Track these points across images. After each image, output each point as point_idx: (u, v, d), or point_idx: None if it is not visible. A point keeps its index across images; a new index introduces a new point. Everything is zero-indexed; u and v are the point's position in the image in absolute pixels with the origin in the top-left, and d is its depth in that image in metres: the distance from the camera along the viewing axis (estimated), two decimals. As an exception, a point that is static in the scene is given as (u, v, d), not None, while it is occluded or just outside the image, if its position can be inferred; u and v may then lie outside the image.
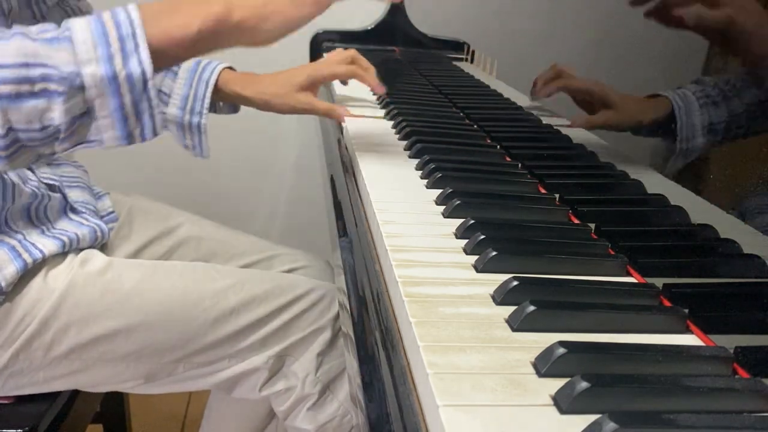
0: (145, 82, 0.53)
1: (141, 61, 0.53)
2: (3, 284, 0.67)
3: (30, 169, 0.77)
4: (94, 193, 0.89)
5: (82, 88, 0.52)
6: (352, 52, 0.90)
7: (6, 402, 0.75)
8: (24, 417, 0.74)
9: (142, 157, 1.50)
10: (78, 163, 0.92)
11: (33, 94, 0.51)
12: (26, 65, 0.50)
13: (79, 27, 0.52)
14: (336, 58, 0.89)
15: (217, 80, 0.84)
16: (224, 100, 0.88)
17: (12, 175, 0.71)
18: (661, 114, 0.71)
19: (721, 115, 0.63)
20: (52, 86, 0.51)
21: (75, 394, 0.82)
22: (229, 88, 0.85)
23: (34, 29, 0.53)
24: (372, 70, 0.90)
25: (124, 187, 0.99)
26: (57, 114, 0.52)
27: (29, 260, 0.69)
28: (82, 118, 0.54)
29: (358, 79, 0.90)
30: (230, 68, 0.87)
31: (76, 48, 0.51)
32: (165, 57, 0.56)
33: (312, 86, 0.85)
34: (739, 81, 0.63)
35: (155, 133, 0.56)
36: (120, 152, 0.62)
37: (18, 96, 0.50)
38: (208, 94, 0.83)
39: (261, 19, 0.59)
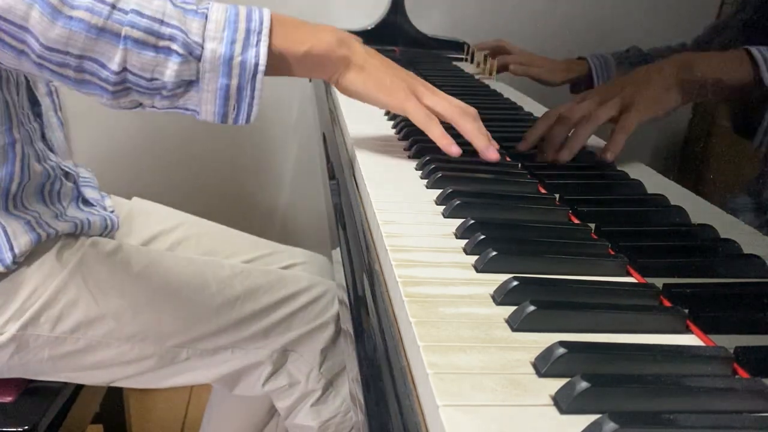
0: (255, 73, 0.58)
1: (258, 53, 0.58)
2: (17, 251, 0.69)
3: (51, 150, 0.79)
4: (101, 195, 0.90)
5: (199, 58, 0.57)
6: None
7: (6, 402, 0.76)
8: (24, 416, 0.74)
9: (142, 157, 1.50)
10: (89, 168, 0.93)
11: (156, 48, 0.56)
12: (161, 21, 0.56)
13: (216, 8, 0.59)
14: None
15: None
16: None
17: (30, 151, 0.73)
18: (582, 72, 0.94)
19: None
20: (175, 46, 0.56)
21: (75, 393, 0.82)
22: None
23: None
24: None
25: (125, 187, 0.99)
26: (168, 72, 0.56)
27: (43, 234, 0.72)
28: (188, 86, 0.58)
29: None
30: None
31: (208, 24, 0.57)
32: (275, 62, 0.61)
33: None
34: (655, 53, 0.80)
35: (248, 120, 0.61)
36: (120, 152, 0.63)
37: (143, 44, 0.55)
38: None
39: (358, 70, 0.66)
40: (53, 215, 0.75)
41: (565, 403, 0.33)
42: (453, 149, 0.66)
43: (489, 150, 0.68)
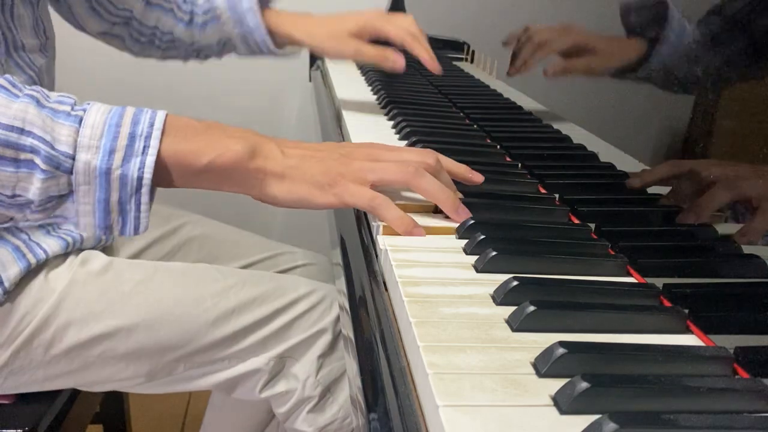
0: (138, 187, 0.50)
1: (143, 165, 0.50)
2: (6, 284, 0.67)
3: None
4: None
5: (69, 171, 0.49)
6: (416, 29, 0.85)
7: (6, 402, 0.75)
8: (24, 417, 0.74)
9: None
10: None
11: (15, 162, 0.48)
12: (21, 130, 0.48)
13: (96, 110, 0.50)
14: (399, 21, 0.85)
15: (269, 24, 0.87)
16: (276, 43, 0.91)
17: None
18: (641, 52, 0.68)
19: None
20: (37, 160, 0.48)
21: (75, 394, 0.82)
22: (281, 30, 0.87)
23: (53, 95, 0.51)
24: (426, 46, 0.85)
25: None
26: (33, 188, 0.49)
27: (33, 261, 0.69)
28: (61, 198, 0.51)
29: (410, 49, 0.86)
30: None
31: (82, 130, 0.49)
32: (166, 176, 0.53)
33: (361, 34, 0.85)
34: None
35: (137, 232, 0.53)
36: None
37: (0, 158, 0.48)
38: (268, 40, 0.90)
39: (278, 180, 0.55)
40: (45, 232, 0.72)
41: (565, 404, 0.33)
42: (416, 232, 0.54)
43: (459, 211, 0.56)
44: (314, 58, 1.36)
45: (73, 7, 0.89)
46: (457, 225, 0.54)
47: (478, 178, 0.61)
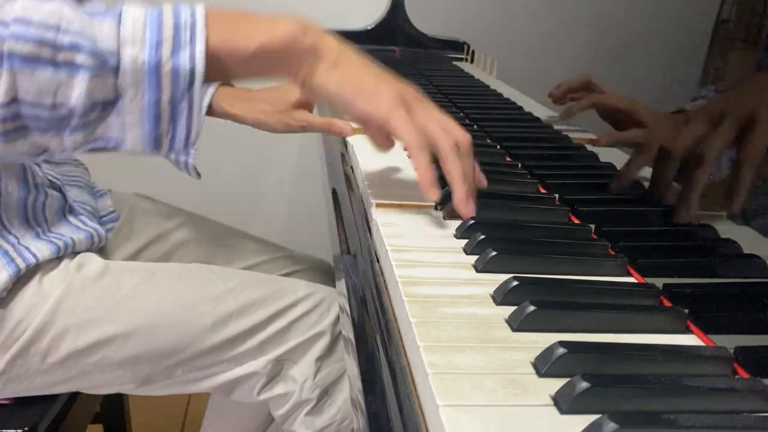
0: (191, 81, 0.46)
1: (193, 55, 0.46)
2: None
3: (37, 164, 0.75)
4: (94, 192, 0.89)
5: (115, 70, 0.45)
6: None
7: (6, 403, 0.75)
8: (24, 417, 0.74)
9: (143, 157, 1.49)
10: (77, 161, 0.91)
11: (54, 63, 0.43)
12: (57, 28, 0.43)
13: (133, 7, 0.46)
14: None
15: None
16: (212, 116, 0.80)
17: (10, 172, 0.70)
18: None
19: None
20: (80, 58, 0.43)
21: (75, 394, 0.82)
22: (217, 104, 0.77)
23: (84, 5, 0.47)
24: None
25: (125, 187, 0.99)
26: (76, 93, 0.44)
27: (22, 266, 0.67)
28: (104, 109, 0.46)
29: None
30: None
31: (123, 24, 0.45)
32: (222, 67, 0.49)
33: (309, 102, 0.80)
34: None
35: (187, 144, 0.49)
36: (121, 153, 0.62)
37: (35, 60, 0.43)
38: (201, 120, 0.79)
39: (331, 66, 0.51)
40: (35, 234, 0.70)
41: (565, 403, 0.33)
42: (431, 193, 0.52)
43: (467, 205, 0.54)
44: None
45: None
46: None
47: (483, 183, 0.61)
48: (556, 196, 0.64)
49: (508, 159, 0.75)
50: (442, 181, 0.55)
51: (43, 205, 0.74)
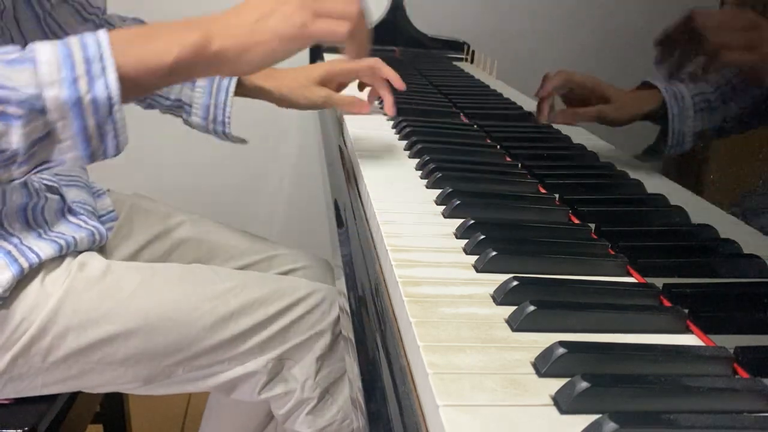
0: (111, 106, 0.51)
1: (108, 84, 0.51)
2: (0, 290, 0.67)
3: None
4: (93, 192, 0.89)
5: (43, 111, 0.50)
6: (374, 60, 0.86)
7: (6, 402, 0.75)
8: (24, 417, 0.74)
9: (142, 156, 1.50)
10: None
11: None
12: None
13: (43, 49, 0.51)
14: (361, 63, 0.86)
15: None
16: (245, 95, 0.88)
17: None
18: (653, 110, 0.69)
19: (714, 121, 0.62)
20: (11, 109, 0.49)
21: (75, 394, 0.82)
22: (250, 81, 0.85)
23: None
24: (388, 84, 0.87)
25: (125, 187, 0.99)
26: (15, 138, 0.50)
27: (25, 265, 0.68)
28: (42, 141, 0.52)
29: (374, 85, 0.89)
30: None
31: (39, 69, 0.50)
32: (139, 85, 0.54)
33: (330, 81, 0.87)
34: (739, 81, 0.60)
35: (119, 151, 0.55)
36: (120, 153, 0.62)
37: None
38: (230, 102, 0.84)
39: (243, 50, 0.56)
40: (36, 235, 0.71)
41: (565, 403, 0.33)
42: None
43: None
44: (314, 57, 1.36)
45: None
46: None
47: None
48: (556, 196, 0.64)
49: (508, 159, 0.75)
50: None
51: (42, 208, 0.74)
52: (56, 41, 0.52)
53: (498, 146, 0.79)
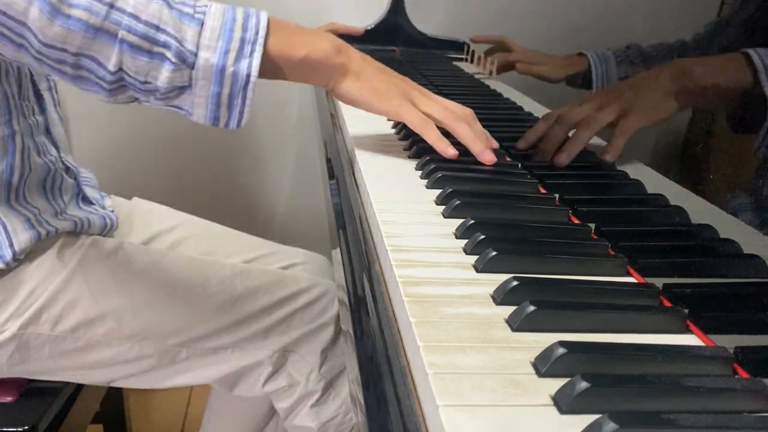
0: (246, 83, 0.59)
1: (251, 65, 0.59)
2: (17, 248, 0.70)
3: (55, 146, 0.80)
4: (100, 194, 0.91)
5: (192, 65, 0.58)
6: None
7: (6, 401, 0.76)
8: (24, 416, 0.74)
9: (142, 158, 1.50)
10: (89, 168, 0.93)
11: (150, 53, 0.56)
12: (157, 27, 0.56)
13: (214, 12, 0.59)
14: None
15: None
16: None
17: (30, 143, 0.73)
18: (582, 68, 0.96)
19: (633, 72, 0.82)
20: (168, 54, 0.57)
21: (75, 393, 0.82)
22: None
23: None
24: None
25: (125, 188, 0.99)
26: (161, 77, 0.57)
27: (43, 232, 0.72)
28: (181, 90, 0.59)
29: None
30: None
31: (203, 32, 0.58)
32: (271, 67, 0.62)
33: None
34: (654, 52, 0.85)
35: (238, 125, 0.61)
36: (120, 153, 0.63)
37: (138, 48, 0.56)
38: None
39: (354, 77, 0.66)
40: (53, 212, 0.75)
41: (565, 403, 0.33)
42: (449, 151, 0.67)
43: (485, 153, 0.67)
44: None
45: None
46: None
47: (488, 157, 0.68)
48: (556, 196, 0.64)
49: (508, 159, 0.75)
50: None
51: (60, 187, 0.78)
52: (228, 11, 0.59)
53: (497, 145, 0.79)
